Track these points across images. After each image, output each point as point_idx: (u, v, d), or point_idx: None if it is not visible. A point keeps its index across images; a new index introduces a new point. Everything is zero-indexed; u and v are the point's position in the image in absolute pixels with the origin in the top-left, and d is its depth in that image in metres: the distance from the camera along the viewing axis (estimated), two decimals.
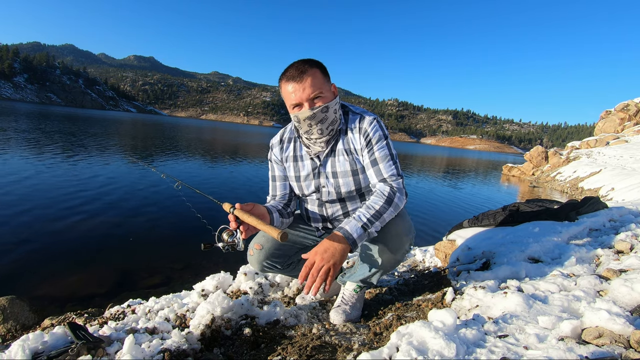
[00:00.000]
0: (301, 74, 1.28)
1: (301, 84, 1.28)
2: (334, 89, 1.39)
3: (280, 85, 1.36)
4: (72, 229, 3.99)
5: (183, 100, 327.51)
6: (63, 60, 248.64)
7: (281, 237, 1.10)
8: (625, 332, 0.96)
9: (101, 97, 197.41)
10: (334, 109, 1.36)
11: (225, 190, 7.34)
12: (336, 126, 1.41)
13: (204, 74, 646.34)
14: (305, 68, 1.29)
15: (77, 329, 1.31)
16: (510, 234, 2.07)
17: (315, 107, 1.31)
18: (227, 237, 1.25)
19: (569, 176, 14.70)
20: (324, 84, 1.33)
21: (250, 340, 1.45)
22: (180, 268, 3.27)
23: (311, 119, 1.33)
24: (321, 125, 1.36)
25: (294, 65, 1.31)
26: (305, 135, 1.43)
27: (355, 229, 1.25)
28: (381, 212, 1.29)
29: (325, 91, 1.32)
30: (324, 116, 1.34)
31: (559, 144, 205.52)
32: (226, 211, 1.27)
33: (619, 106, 24.71)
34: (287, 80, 1.31)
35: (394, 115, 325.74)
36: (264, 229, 1.18)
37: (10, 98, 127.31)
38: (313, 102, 1.31)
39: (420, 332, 0.99)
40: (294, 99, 1.32)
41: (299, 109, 1.34)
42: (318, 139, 1.41)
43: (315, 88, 1.29)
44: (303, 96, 1.29)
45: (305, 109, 1.32)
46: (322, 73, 1.33)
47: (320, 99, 1.31)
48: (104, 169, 7.86)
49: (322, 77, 1.32)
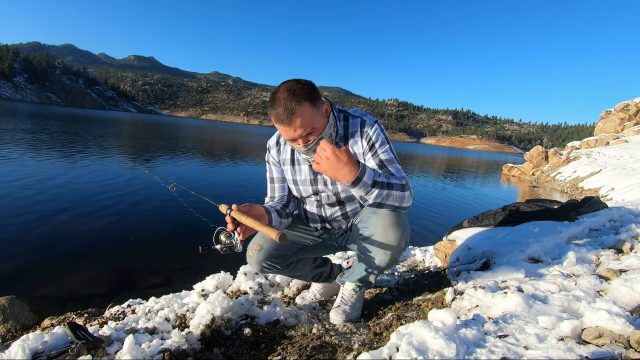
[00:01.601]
0: (289, 115, 1.19)
1: (291, 126, 1.22)
2: (326, 108, 1.33)
3: (270, 116, 1.29)
4: (72, 229, 3.99)
5: (183, 100, 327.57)
6: (63, 60, 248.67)
7: (279, 238, 1.09)
8: (625, 332, 0.96)
9: (101, 97, 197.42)
10: (328, 134, 1.34)
11: (224, 191, 7.34)
12: (332, 141, 1.39)
13: (204, 74, 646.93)
14: (293, 107, 1.19)
15: (77, 329, 1.31)
16: (510, 234, 2.07)
17: (309, 143, 1.29)
18: (224, 239, 1.24)
19: (569, 176, 14.70)
20: (315, 117, 1.25)
21: (250, 340, 1.45)
22: (180, 268, 3.27)
23: (307, 153, 1.35)
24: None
25: (280, 100, 1.20)
26: (304, 155, 1.44)
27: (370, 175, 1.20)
28: (393, 185, 1.25)
29: (316, 123, 1.26)
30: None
31: (559, 144, 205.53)
32: (223, 213, 1.25)
33: (619, 106, 24.71)
34: (276, 119, 1.23)
35: (394, 115, 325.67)
36: (262, 230, 1.17)
37: (10, 98, 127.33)
38: (306, 138, 1.28)
39: (420, 332, 0.99)
40: (286, 138, 1.30)
41: (293, 142, 1.32)
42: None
43: (306, 127, 1.23)
44: (295, 135, 1.26)
45: (299, 146, 1.31)
46: (312, 103, 1.23)
47: (312, 134, 1.28)
48: (104, 170, 7.86)
49: (311, 109, 1.23)
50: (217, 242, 1.25)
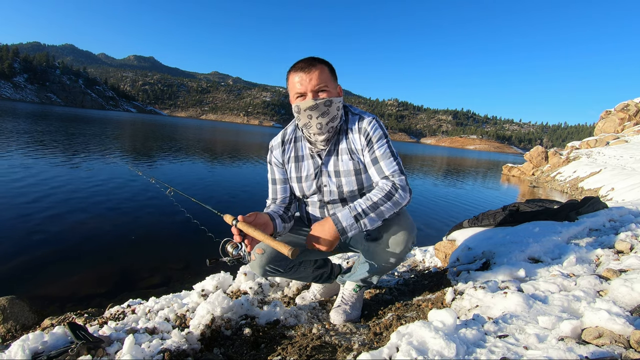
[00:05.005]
0: (310, 66, 1.31)
1: (308, 75, 1.31)
2: (340, 90, 1.41)
3: (287, 77, 1.38)
4: (72, 229, 3.99)
5: (183, 100, 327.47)
6: (63, 60, 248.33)
7: (292, 255, 1.10)
8: (625, 332, 0.96)
9: (101, 97, 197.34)
10: (337, 106, 1.37)
11: (224, 191, 7.34)
12: (336, 124, 1.40)
13: (204, 74, 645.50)
14: (315, 62, 1.32)
15: (77, 329, 1.31)
16: (510, 234, 2.07)
17: (318, 99, 1.32)
18: (232, 250, 1.22)
19: (569, 176, 14.71)
20: (331, 80, 1.36)
21: (250, 340, 1.45)
22: (180, 268, 3.27)
23: (312, 109, 1.33)
24: (321, 119, 1.35)
25: (303, 59, 1.35)
26: (304, 129, 1.43)
27: (346, 217, 1.27)
28: (378, 204, 1.28)
29: (330, 87, 1.35)
30: (326, 110, 1.34)
31: (559, 144, 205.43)
32: (228, 223, 1.23)
33: (619, 106, 24.71)
34: (295, 71, 1.33)
35: (394, 115, 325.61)
36: (273, 245, 1.15)
37: (10, 98, 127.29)
38: (317, 94, 1.33)
39: (420, 332, 0.99)
40: (299, 89, 1.33)
41: (302, 99, 1.34)
42: (316, 134, 1.40)
43: (321, 80, 1.31)
44: (308, 86, 1.31)
45: (308, 99, 1.33)
46: (330, 71, 1.36)
47: (324, 93, 1.33)
48: (105, 170, 7.87)
49: (329, 74, 1.35)
50: (224, 254, 1.23)
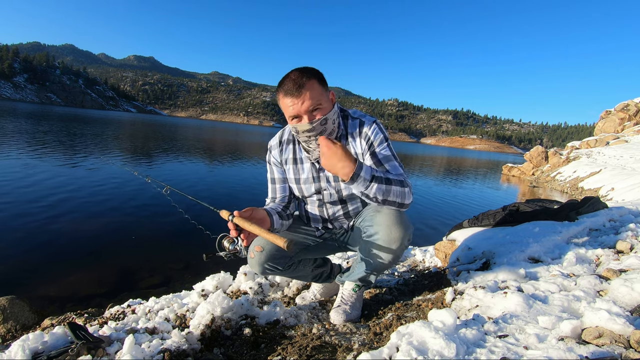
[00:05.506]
0: (299, 87, 1.25)
1: (299, 98, 1.26)
2: (332, 97, 1.37)
3: (278, 97, 1.33)
4: (72, 229, 3.99)
5: (183, 100, 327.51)
6: (63, 60, 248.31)
7: (287, 247, 1.08)
8: (625, 332, 0.96)
9: (101, 97, 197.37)
10: (332, 120, 1.35)
11: (224, 191, 7.34)
12: (335, 135, 1.39)
13: (204, 74, 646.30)
14: (303, 81, 1.25)
15: (77, 329, 1.31)
16: (510, 234, 2.07)
17: (314, 121, 1.30)
18: (228, 245, 1.23)
19: (569, 176, 14.71)
20: (322, 94, 1.30)
21: (250, 340, 1.45)
22: (180, 268, 3.27)
23: (310, 131, 1.32)
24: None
25: (290, 77, 1.27)
26: (304, 145, 1.44)
27: (367, 170, 1.21)
28: (392, 182, 1.25)
29: (323, 102, 1.30)
30: (323, 128, 1.33)
31: (559, 144, 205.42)
32: (224, 219, 1.24)
33: (619, 106, 24.71)
34: (284, 94, 1.28)
35: (394, 115, 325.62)
36: (268, 238, 1.15)
37: (10, 98, 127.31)
38: (312, 114, 1.29)
39: (420, 332, 0.99)
40: (292, 112, 1.30)
41: (297, 121, 1.32)
42: (316, 149, 1.40)
43: (313, 101, 1.27)
44: (301, 109, 1.27)
45: (304, 122, 1.30)
46: (320, 83, 1.30)
47: (319, 111, 1.30)
48: (105, 171, 7.87)
49: (320, 87, 1.30)
50: (221, 249, 1.24)
